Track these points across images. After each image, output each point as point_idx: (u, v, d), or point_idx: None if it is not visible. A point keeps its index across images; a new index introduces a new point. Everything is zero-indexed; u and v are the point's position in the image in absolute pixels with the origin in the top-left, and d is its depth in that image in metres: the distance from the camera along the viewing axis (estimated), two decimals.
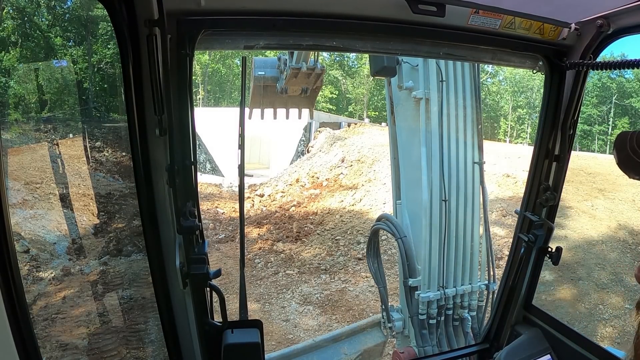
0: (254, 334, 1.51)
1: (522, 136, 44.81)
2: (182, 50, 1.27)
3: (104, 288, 7.33)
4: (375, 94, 44.20)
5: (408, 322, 3.60)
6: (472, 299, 3.52)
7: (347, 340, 4.57)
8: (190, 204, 1.39)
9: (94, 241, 9.04)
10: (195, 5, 1.23)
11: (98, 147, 14.23)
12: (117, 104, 17.62)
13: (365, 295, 8.67)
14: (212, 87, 43.62)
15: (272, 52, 14.15)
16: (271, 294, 8.89)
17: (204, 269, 1.42)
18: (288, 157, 20.94)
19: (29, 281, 7.28)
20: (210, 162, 21.64)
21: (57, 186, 10.18)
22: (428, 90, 3.30)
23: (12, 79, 14.65)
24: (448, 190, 3.31)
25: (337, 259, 10.25)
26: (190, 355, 1.52)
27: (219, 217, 13.38)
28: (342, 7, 1.40)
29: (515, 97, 46.85)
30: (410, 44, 1.64)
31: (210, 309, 1.52)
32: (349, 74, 44.64)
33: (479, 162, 3.40)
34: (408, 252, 3.41)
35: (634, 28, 1.58)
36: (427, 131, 3.34)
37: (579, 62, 1.69)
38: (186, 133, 1.34)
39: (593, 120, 41.19)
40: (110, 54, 18.59)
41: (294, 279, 9.49)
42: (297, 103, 5.41)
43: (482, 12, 1.52)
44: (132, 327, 6.29)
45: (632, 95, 41.52)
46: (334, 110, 39.60)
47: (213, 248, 10.92)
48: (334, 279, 9.45)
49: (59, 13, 20.66)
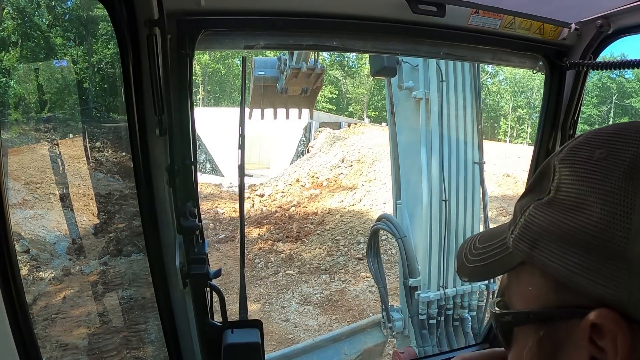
0: (254, 334, 1.51)
1: (522, 136, 44.83)
2: (182, 50, 1.27)
3: (104, 288, 7.33)
4: (375, 94, 44.21)
5: (408, 322, 3.60)
6: (472, 299, 3.52)
7: (347, 340, 4.57)
8: (191, 204, 1.39)
9: (94, 241, 9.04)
10: (195, 5, 1.23)
11: (98, 147, 14.23)
12: (117, 104, 17.62)
13: (365, 295, 8.68)
14: (212, 87, 43.63)
15: (272, 52, 14.16)
16: (271, 294, 8.89)
17: (204, 269, 1.41)
18: (288, 157, 20.95)
19: (29, 281, 7.28)
20: (210, 162, 21.65)
21: (57, 186, 10.18)
22: (428, 90, 3.30)
23: (12, 79, 14.65)
24: (448, 190, 3.32)
25: (337, 259, 10.25)
26: (190, 355, 1.52)
27: (219, 217, 13.38)
28: (342, 7, 1.40)
29: (515, 97, 46.88)
30: (410, 44, 1.64)
31: (210, 309, 1.52)
32: (349, 74, 44.66)
33: (479, 162, 3.41)
34: (408, 252, 3.42)
35: (634, 28, 1.58)
36: (427, 131, 3.35)
37: (579, 62, 1.69)
38: (186, 133, 1.34)
39: (593, 120, 41.20)
40: (110, 54, 18.60)
41: (294, 279, 9.49)
42: (297, 103, 5.42)
43: (482, 12, 1.52)
44: (132, 327, 6.29)
45: (632, 95, 41.57)
46: (334, 110, 39.61)
47: (213, 248, 10.93)
48: (334, 279, 9.45)
49: (59, 13, 20.67)
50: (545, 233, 0.51)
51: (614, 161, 0.48)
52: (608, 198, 0.46)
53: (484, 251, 0.61)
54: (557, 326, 0.50)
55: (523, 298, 0.54)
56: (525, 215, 0.54)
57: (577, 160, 0.51)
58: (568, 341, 0.49)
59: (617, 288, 0.44)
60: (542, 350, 0.52)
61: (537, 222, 0.52)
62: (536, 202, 0.53)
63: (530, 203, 0.54)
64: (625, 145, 0.49)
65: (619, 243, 0.45)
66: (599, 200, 0.47)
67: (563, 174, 0.51)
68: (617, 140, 0.50)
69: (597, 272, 0.46)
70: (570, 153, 0.52)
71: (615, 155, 0.48)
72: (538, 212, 0.52)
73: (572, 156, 0.52)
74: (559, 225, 0.49)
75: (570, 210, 0.49)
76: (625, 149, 0.48)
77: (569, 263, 0.48)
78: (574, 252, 0.47)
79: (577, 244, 0.47)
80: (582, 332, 0.47)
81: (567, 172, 0.51)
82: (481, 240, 0.63)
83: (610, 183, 0.47)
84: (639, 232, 0.44)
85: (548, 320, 0.51)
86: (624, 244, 0.44)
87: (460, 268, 0.66)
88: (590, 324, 0.46)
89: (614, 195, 0.46)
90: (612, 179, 0.47)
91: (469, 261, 0.63)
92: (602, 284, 0.45)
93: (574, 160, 0.51)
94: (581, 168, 0.50)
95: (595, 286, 0.46)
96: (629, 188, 0.46)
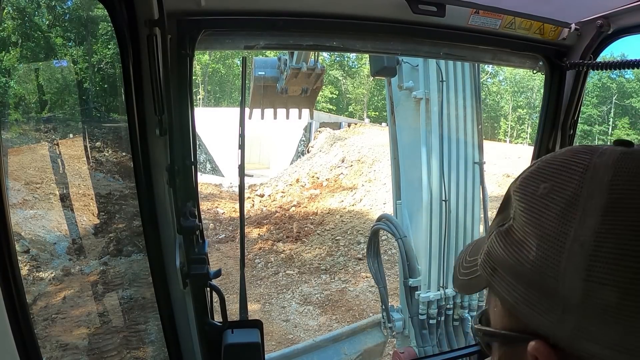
0: (254, 334, 1.51)
1: (522, 136, 44.82)
2: (182, 50, 1.27)
3: (104, 288, 7.33)
4: (375, 94, 44.20)
5: (408, 322, 3.60)
6: (472, 299, 3.52)
7: (347, 340, 4.58)
8: (191, 204, 1.39)
9: (94, 241, 9.04)
10: (195, 5, 1.23)
11: (98, 147, 14.22)
12: (117, 104, 17.61)
13: (365, 295, 8.68)
14: (212, 87, 43.62)
15: (272, 52, 14.16)
16: (271, 294, 8.89)
17: (204, 269, 1.42)
18: (288, 157, 20.95)
19: (29, 281, 7.28)
20: (210, 162, 21.65)
21: (57, 186, 10.18)
22: (428, 90, 3.30)
23: (12, 79, 14.64)
24: (448, 190, 3.32)
25: (337, 259, 10.25)
26: (190, 355, 1.52)
27: (219, 217, 13.38)
28: (342, 7, 1.40)
29: (515, 97, 46.87)
30: (410, 44, 1.64)
31: (210, 309, 1.52)
32: (349, 74, 44.65)
33: (479, 162, 3.40)
34: (408, 252, 3.42)
35: (634, 28, 1.58)
36: (427, 131, 3.35)
37: (579, 62, 1.69)
38: (186, 133, 1.34)
39: (593, 120, 41.20)
40: (110, 54, 18.59)
41: (294, 279, 9.49)
42: (297, 103, 5.41)
43: (482, 12, 1.52)
44: (132, 327, 6.29)
45: (632, 95, 41.52)
46: (334, 110, 39.59)
47: (213, 248, 10.92)
48: (334, 279, 9.45)
49: (59, 13, 20.67)
50: (500, 263, 0.54)
51: (553, 198, 0.50)
52: (543, 237, 0.49)
53: (469, 266, 0.64)
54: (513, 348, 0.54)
55: (493, 317, 0.58)
56: (489, 241, 0.57)
57: (525, 193, 0.53)
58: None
59: (552, 322, 0.48)
60: None
61: (494, 251, 0.55)
62: (498, 229, 0.56)
63: (494, 229, 0.57)
64: (567, 181, 0.50)
65: (551, 282, 0.48)
66: (536, 238, 0.50)
67: (517, 205, 0.54)
68: (561, 174, 0.51)
69: (536, 305, 0.49)
70: (522, 184, 0.54)
71: (556, 191, 0.50)
72: (496, 241, 0.55)
73: (523, 188, 0.54)
74: (508, 258, 0.52)
75: (516, 244, 0.52)
76: (566, 185, 0.49)
77: (514, 294, 0.51)
78: (519, 284, 0.51)
79: (521, 278, 0.51)
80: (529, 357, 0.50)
81: (518, 203, 0.53)
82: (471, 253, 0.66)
83: (547, 222, 0.49)
84: (567, 272, 0.47)
85: (506, 341, 0.55)
86: (555, 283, 0.47)
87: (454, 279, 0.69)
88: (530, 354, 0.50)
89: (547, 236, 0.49)
90: (549, 218, 0.49)
91: (460, 273, 0.66)
92: (540, 315, 0.49)
93: (524, 192, 0.53)
94: (527, 202, 0.52)
95: (535, 317, 0.49)
96: (562, 229, 0.48)
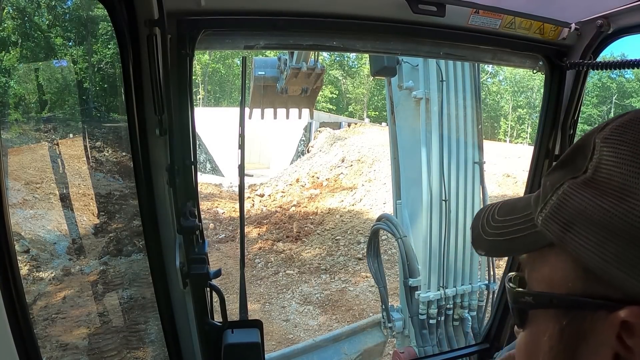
0: (254, 334, 1.51)
1: (522, 136, 44.83)
2: (182, 50, 1.27)
3: (104, 288, 7.33)
4: (375, 94, 44.20)
5: (408, 322, 3.60)
6: (472, 299, 3.52)
7: (347, 340, 4.58)
8: (191, 204, 1.39)
9: (94, 241, 9.04)
10: (195, 5, 1.23)
11: (98, 147, 14.23)
12: (117, 104, 17.62)
13: (365, 295, 8.68)
14: (212, 87, 43.63)
15: (272, 52, 14.16)
16: (271, 294, 8.89)
17: (204, 269, 1.42)
18: (288, 157, 20.95)
19: (29, 281, 7.28)
20: (210, 162, 21.65)
21: (57, 186, 10.18)
22: (428, 90, 3.30)
23: (12, 79, 14.65)
24: (448, 190, 3.31)
25: (337, 258, 10.25)
26: (190, 355, 1.52)
27: (219, 217, 13.38)
28: (342, 7, 1.40)
29: (515, 97, 46.88)
30: (410, 44, 1.64)
31: (210, 309, 1.52)
32: (349, 74, 44.65)
33: (479, 162, 3.40)
34: (408, 252, 3.42)
35: (634, 28, 1.58)
36: (427, 131, 3.35)
37: (579, 62, 1.69)
38: (186, 133, 1.34)
39: (593, 120, 41.18)
40: (110, 54, 18.60)
41: (294, 279, 9.49)
42: (297, 103, 5.41)
43: (482, 12, 1.52)
44: (132, 327, 6.29)
45: (632, 95, 41.54)
46: (334, 110, 39.59)
47: (213, 248, 10.92)
48: (334, 278, 9.45)
49: (59, 13, 20.67)
50: (581, 216, 0.46)
51: None
52: None
53: (505, 225, 0.56)
54: (582, 316, 0.47)
55: (545, 280, 0.51)
56: (559, 193, 0.50)
57: (623, 142, 0.46)
58: (592, 334, 0.47)
59: None
60: (563, 340, 0.49)
61: (572, 203, 0.48)
62: (571, 181, 0.49)
63: (563, 180, 0.50)
64: None
65: None
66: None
67: (605, 154, 0.47)
68: None
69: (636, 266, 0.42)
70: (615, 132, 0.48)
71: None
72: (574, 192, 0.48)
73: (618, 136, 0.47)
74: (598, 210, 0.45)
75: (612, 195, 0.45)
76: None
77: (605, 252, 0.44)
78: (612, 241, 0.44)
79: (617, 233, 0.43)
80: (610, 327, 0.45)
81: (610, 152, 0.47)
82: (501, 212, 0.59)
83: None
84: None
85: (573, 308, 0.48)
86: None
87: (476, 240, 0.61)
88: (621, 321, 0.44)
89: None
90: None
91: (487, 234, 0.58)
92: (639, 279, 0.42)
93: (620, 140, 0.47)
94: (627, 151, 0.45)
95: (631, 281, 0.43)
96: None
